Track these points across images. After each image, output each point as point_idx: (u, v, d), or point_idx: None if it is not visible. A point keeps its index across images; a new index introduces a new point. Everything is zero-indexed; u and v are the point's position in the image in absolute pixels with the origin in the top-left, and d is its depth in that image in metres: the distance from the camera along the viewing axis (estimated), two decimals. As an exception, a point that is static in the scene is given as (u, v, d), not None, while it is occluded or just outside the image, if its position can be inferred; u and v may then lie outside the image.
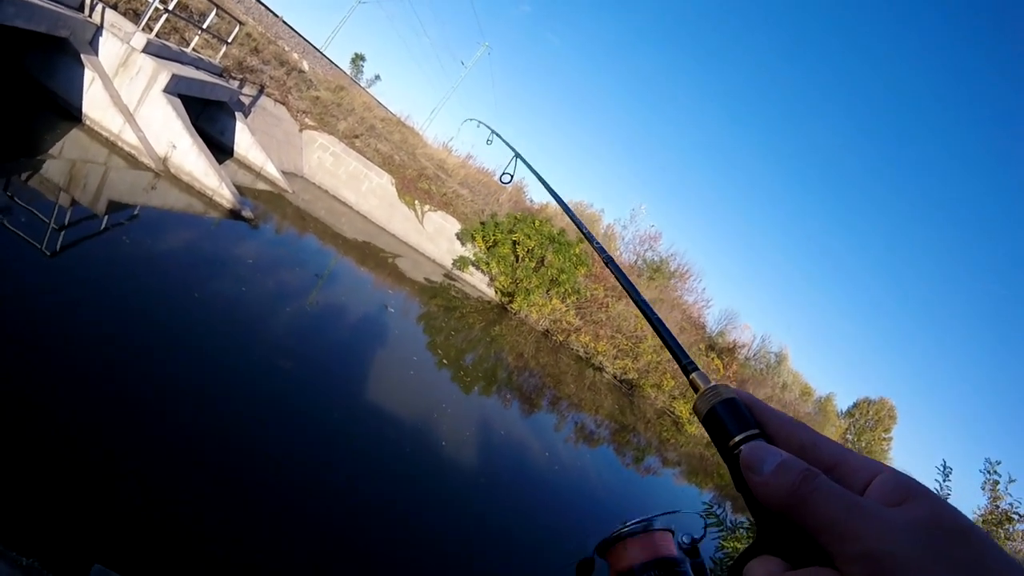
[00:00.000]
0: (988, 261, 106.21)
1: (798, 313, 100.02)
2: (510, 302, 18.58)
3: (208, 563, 3.71)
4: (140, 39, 9.96)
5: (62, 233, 6.25)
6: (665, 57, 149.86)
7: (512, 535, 6.69)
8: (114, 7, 10.32)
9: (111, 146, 9.42)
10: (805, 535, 0.37)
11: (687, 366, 0.54)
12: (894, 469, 0.39)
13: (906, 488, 0.37)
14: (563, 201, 1.32)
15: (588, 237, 1.10)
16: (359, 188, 17.93)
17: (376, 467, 6.14)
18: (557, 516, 7.99)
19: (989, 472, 7.53)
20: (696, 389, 0.49)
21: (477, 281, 18.93)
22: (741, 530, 4.50)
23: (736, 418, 0.44)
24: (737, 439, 0.43)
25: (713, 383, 0.48)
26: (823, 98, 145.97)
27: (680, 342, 0.59)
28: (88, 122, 9.36)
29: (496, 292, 18.72)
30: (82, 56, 9.17)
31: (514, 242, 17.96)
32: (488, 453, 8.48)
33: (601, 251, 1.04)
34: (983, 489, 7.65)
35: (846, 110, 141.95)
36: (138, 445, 4.18)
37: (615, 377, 20.16)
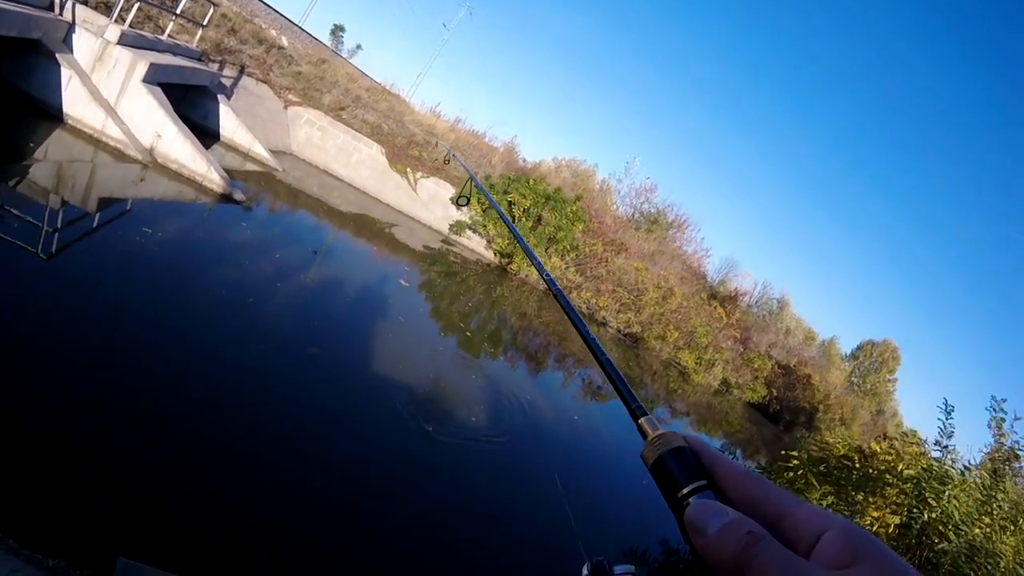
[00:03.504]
0: (1005, 202, 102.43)
1: (799, 258, 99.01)
2: (509, 263, 18.77)
3: (226, 546, 3.91)
4: (114, 31, 9.97)
5: (56, 235, 6.42)
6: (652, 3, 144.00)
7: (533, 493, 6.87)
8: (84, 2, 10.30)
9: (96, 142, 9.57)
10: None
11: (635, 410, 0.51)
12: (844, 523, 0.38)
13: (854, 549, 0.36)
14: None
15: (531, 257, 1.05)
16: (349, 161, 17.95)
17: (393, 439, 6.30)
18: (573, 472, 8.33)
19: (995, 410, 7.51)
20: (644, 436, 0.47)
21: (475, 244, 19.09)
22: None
23: (685, 468, 0.43)
24: (685, 491, 0.42)
25: (661, 430, 0.46)
26: (814, 30, 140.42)
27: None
28: (70, 121, 9.48)
29: (495, 254, 18.89)
30: (57, 55, 9.23)
31: (509, 202, 18.05)
32: (504, 413, 8.64)
33: (540, 268, 1.00)
34: (989, 427, 7.70)
35: (843, 42, 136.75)
36: (151, 437, 4.32)
37: (619, 331, 20.44)
